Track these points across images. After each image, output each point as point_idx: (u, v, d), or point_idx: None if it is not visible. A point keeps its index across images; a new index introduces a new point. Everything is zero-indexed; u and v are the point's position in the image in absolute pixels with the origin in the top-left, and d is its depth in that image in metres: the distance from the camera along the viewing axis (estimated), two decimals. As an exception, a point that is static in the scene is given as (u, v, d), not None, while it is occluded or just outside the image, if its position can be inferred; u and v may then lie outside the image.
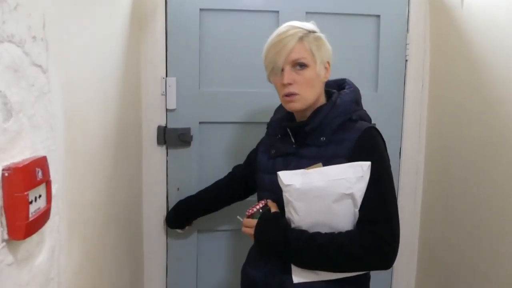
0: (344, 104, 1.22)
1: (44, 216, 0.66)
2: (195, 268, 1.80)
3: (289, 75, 1.18)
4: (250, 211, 1.25)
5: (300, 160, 1.21)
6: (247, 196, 1.60)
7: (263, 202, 1.25)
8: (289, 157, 1.25)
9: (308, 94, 1.20)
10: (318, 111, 1.22)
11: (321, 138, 1.19)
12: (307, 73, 1.19)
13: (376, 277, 1.84)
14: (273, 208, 1.23)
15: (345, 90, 1.27)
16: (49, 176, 0.67)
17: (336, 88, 1.30)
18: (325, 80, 1.25)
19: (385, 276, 1.88)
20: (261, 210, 1.24)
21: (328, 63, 1.25)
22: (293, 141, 1.26)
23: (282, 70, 1.19)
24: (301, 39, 1.19)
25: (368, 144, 1.17)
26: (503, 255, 1.36)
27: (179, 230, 1.73)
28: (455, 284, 1.61)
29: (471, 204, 1.52)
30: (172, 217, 1.70)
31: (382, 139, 1.23)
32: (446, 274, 1.67)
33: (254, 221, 1.22)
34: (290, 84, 1.18)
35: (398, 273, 1.90)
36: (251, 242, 1.36)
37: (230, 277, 1.84)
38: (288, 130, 1.28)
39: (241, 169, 1.59)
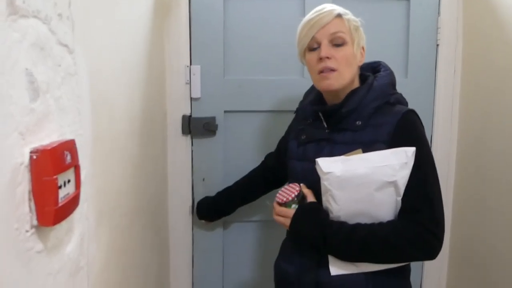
0: (381, 86, 1.17)
1: (73, 202, 0.64)
2: (221, 259, 1.78)
3: (327, 49, 1.14)
4: (284, 199, 1.16)
5: (334, 146, 1.15)
6: (283, 184, 1.56)
7: (297, 189, 1.16)
8: (322, 142, 1.19)
9: (345, 72, 1.15)
10: (353, 93, 1.17)
11: (357, 122, 1.14)
12: (345, 50, 1.15)
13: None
14: (309, 196, 1.16)
15: (381, 73, 1.21)
16: (77, 161, 0.65)
17: (370, 71, 1.25)
18: (360, 64, 1.21)
19: (415, 274, 1.81)
20: (296, 199, 1.15)
21: (363, 48, 1.22)
22: (326, 125, 1.21)
23: (319, 46, 1.15)
24: (339, 15, 1.16)
25: (408, 129, 1.11)
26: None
27: (203, 221, 1.71)
28: (489, 283, 1.54)
29: (507, 200, 1.45)
30: (210, 208, 1.66)
31: (421, 123, 1.17)
32: (479, 272, 1.60)
33: (289, 211, 1.15)
34: (328, 58, 1.13)
35: (429, 271, 1.84)
36: (279, 233, 1.32)
37: (256, 269, 1.81)
38: (320, 114, 1.22)
39: (273, 158, 1.55)
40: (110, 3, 0.94)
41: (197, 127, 1.68)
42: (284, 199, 1.16)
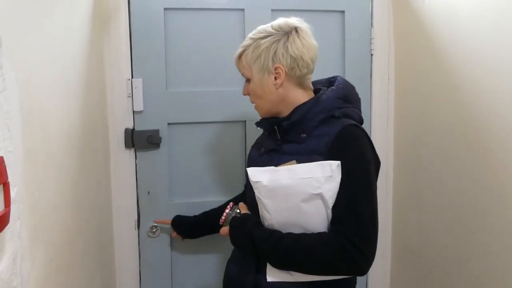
0: (328, 100, 1.17)
1: (2, 221, 0.63)
2: (170, 273, 1.76)
3: (245, 87, 1.29)
4: (220, 221, 1.29)
5: (282, 156, 1.18)
6: None
7: (228, 206, 1.29)
8: (272, 153, 1.23)
9: (259, 103, 1.25)
10: (297, 108, 1.19)
11: (302, 135, 1.16)
12: (250, 86, 1.25)
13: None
14: (243, 210, 1.24)
15: (332, 87, 1.22)
16: (6, 178, 0.64)
17: (327, 85, 1.27)
18: (280, 82, 1.18)
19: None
20: (229, 217, 1.27)
21: (277, 68, 1.17)
22: (279, 137, 1.23)
23: None
24: (239, 57, 1.26)
25: (345, 141, 1.10)
26: (475, 241, 1.38)
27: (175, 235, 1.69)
28: (430, 271, 1.63)
29: (441, 192, 1.55)
30: (194, 224, 1.64)
31: (367, 137, 1.16)
32: (420, 262, 1.69)
33: (226, 229, 1.25)
34: (247, 95, 1.29)
35: (373, 265, 1.90)
36: (227, 243, 1.33)
37: (205, 280, 1.81)
38: (275, 126, 1.24)
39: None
40: (40, 17, 0.93)
41: (140, 140, 1.67)
42: (221, 221, 1.29)
